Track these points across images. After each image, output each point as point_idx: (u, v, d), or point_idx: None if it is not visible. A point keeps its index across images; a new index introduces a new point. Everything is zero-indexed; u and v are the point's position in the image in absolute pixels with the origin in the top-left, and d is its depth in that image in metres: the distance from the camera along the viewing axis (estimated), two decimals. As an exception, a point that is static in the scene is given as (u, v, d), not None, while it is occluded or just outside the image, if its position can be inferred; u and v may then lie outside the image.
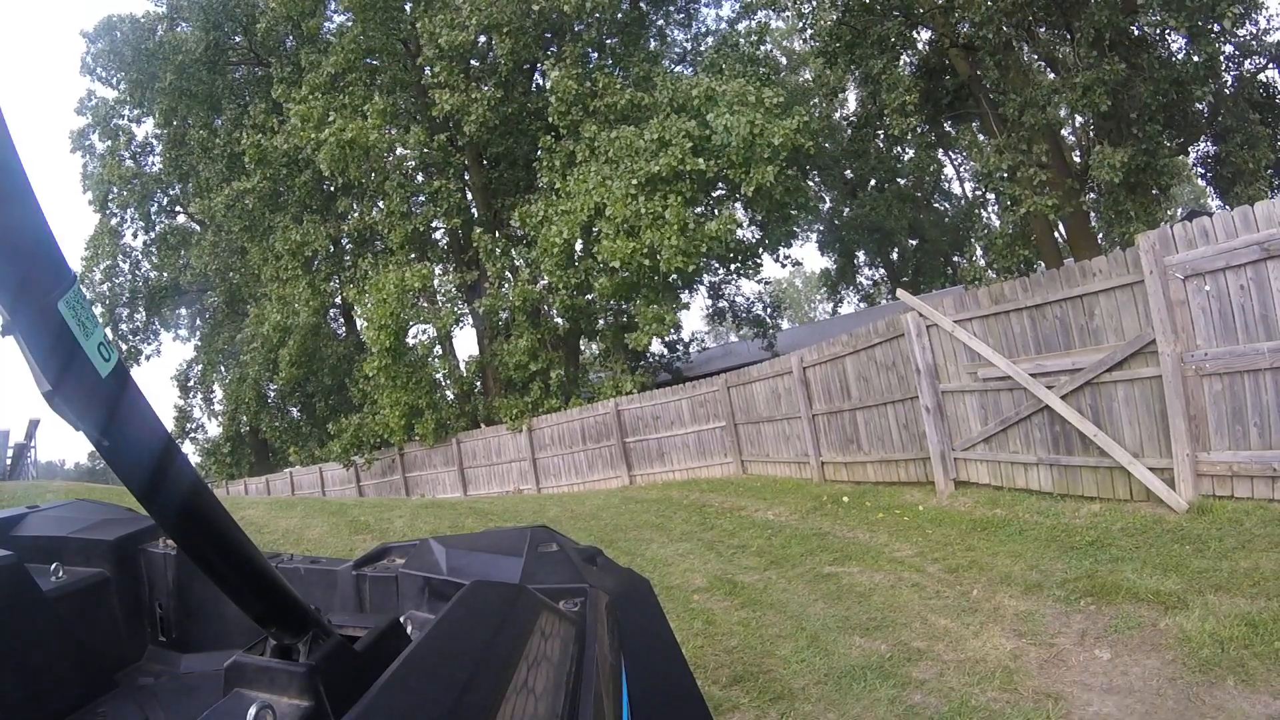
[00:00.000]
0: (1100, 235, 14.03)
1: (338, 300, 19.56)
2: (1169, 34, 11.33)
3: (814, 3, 14.74)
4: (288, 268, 17.55)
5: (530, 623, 0.79)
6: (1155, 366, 4.21)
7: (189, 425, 23.85)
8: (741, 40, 15.22)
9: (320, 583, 1.35)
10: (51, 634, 1.19)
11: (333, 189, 18.12)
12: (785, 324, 27.81)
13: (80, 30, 21.25)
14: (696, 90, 12.60)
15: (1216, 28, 10.58)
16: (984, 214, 22.75)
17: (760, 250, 17.10)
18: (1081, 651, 3.01)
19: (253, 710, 0.67)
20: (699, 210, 13.40)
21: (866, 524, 5.78)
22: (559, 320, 15.41)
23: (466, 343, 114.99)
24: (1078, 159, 14.59)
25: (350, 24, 16.39)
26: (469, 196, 17.35)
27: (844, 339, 7.61)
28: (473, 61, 15.89)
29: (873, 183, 23.41)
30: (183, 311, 25.82)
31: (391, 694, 0.58)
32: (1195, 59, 10.87)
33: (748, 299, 19.62)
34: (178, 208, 23.72)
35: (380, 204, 16.91)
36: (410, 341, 15.67)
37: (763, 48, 15.78)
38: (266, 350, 18.43)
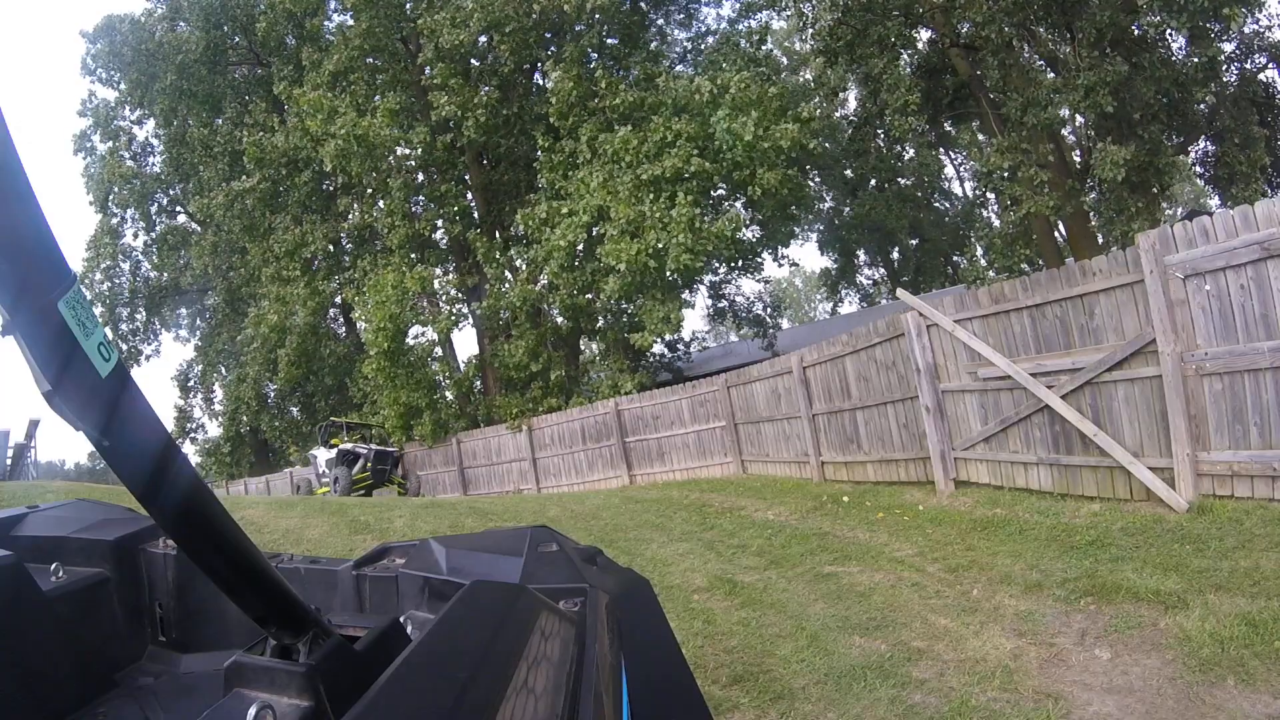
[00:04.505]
0: (1100, 235, 14.02)
1: (337, 300, 19.57)
2: (1170, 34, 11.32)
3: (814, 2, 14.73)
4: (287, 268, 17.56)
5: (530, 623, 0.79)
6: (1155, 366, 4.21)
7: (189, 425, 23.86)
8: (743, 40, 15.22)
9: (320, 583, 1.35)
10: (51, 634, 1.19)
11: (332, 189, 18.12)
12: (785, 324, 27.82)
13: (80, 30, 21.23)
14: (700, 92, 12.60)
15: (1217, 27, 10.58)
16: (984, 214, 22.75)
17: (761, 249, 17.13)
18: (1081, 651, 3.02)
19: (253, 710, 0.67)
20: (699, 210, 13.42)
21: (866, 524, 5.78)
22: (560, 320, 15.42)
23: (467, 342, 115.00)
24: (1078, 159, 14.58)
25: (351, 23, 16.40)
26: (469, 197, 17.37)
27: (844, 339, 7.61)
28: (473, 61, 15.89)
29: (873, 182, 23.38)
30: (183, 311, 25.85)
31: (391, 694, 0.58)
32: (1196, 59, 10.87)
33: (748, 298, 19.64)
34: (178, 208, 23.74)
35: (381, 203, 16.92)
36: (409, 342, 15.70)
37: (764, 48, 15.79)
38: (266, 350, 18.45)
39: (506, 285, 15.12)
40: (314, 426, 20.92)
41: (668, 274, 12.28)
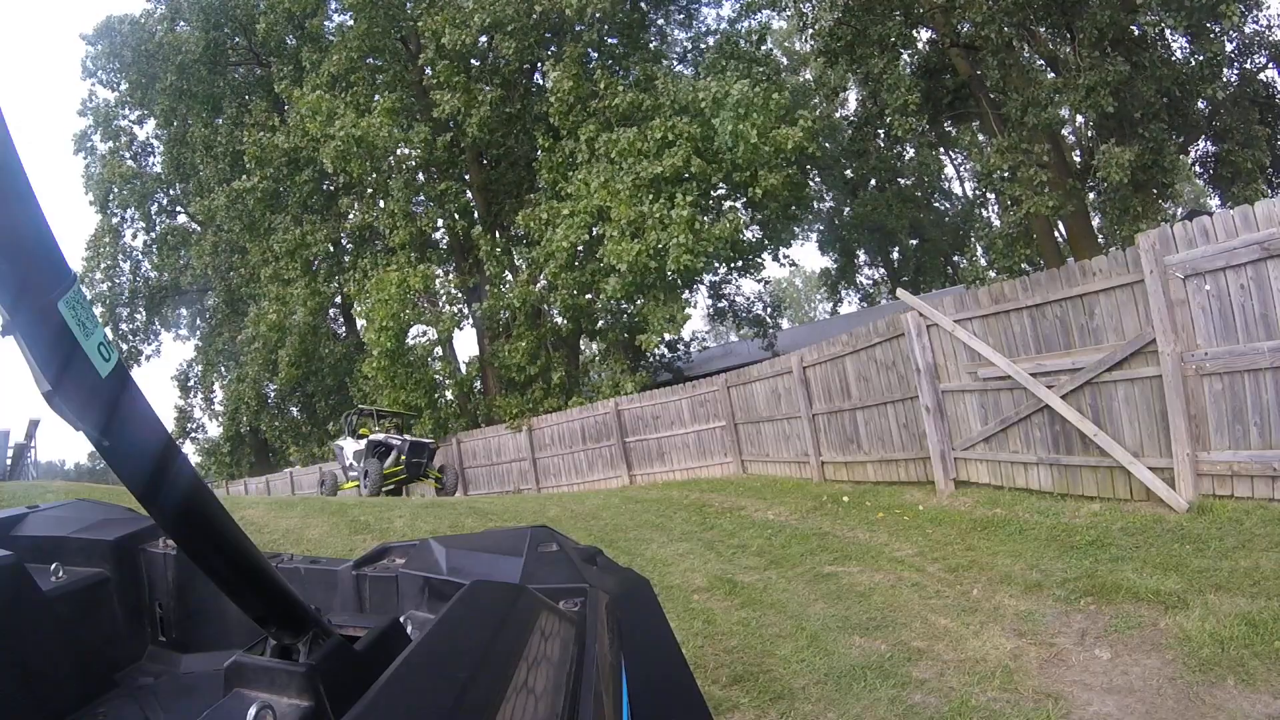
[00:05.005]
0: (1103, 235, 14.03)
1: (337, 300, 19.57)
2: (1170, 33, 11.33)
3: (814, 2, 14.73)
4: (288, 268, 17.56)
5: (530, 623, 0.78)
6: (1155, 366, 4.21)
7: (189, 425, 23.87)
8: (743, 40, 15.22)
9: (320, 583, 1.35)
10: (51, 634, 1.19)
11: (333, 189, 18.11)
12: (785, 324, 27.83)
13: (80, 34, 21.29)
14: (703, 95, 12.60)
15: (1217, 27, 10.57)
16: (984, 214, 22.74)
17: (762, 249, 17.15)
18: (1081, 651, 3.01)
19: (253, 710, 0.67)
20: (699, 210, 13.44)
21: (866, 524, 5.78)
22: (560, 320, 15.42)
23: (466, 342, 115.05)
24: (1078, 159, 14.59)
25: (350, 23, 16.40)
26: (469, 196, 17.39)
27: (844, 339, 7.62)
28: (473, 61, 15.89)
29: (873, 182, 23.42)
30: (183, 311, 25.86)
31: (391, 694, 0.58)
32: (1197, 58, 10.88)
33: (748, 299, 19.65)
34: (178, 208, 23.76)
35: (381, 203, 16.92)
36: (410, 342, 15.69)
37: (764, 47, 15.80)
38: (266, 350, 18.45)
39: (506, 285, 15.12)
40: (314, 426, 20.86)
41: (668, 274, 12.29)
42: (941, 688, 2.87)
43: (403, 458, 11.61)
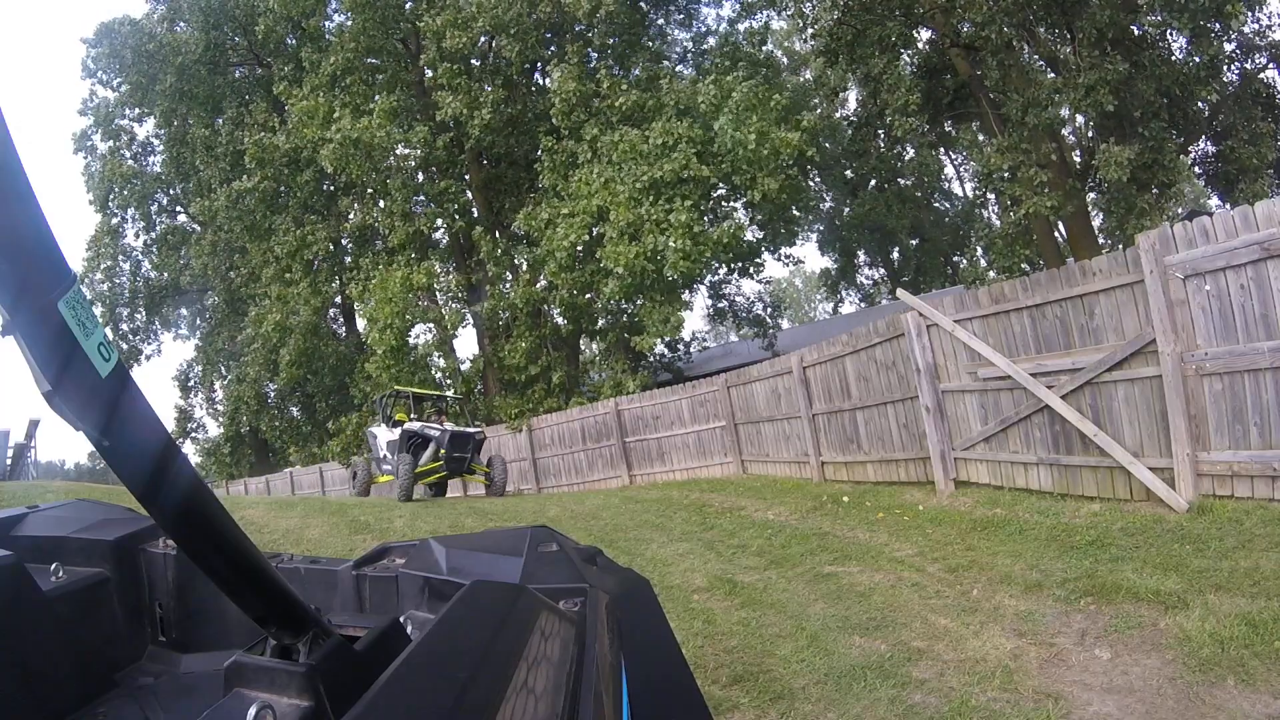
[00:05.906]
0: (1104, 235, 14.04)
1: (338, 300, 19.57)
2: (1170, 33, 11.34)
3: (814, 2, 14.75)
4: (288, 268, 17.57)
5: (530, 623, 0.78)
6: (1155, 366, 4.21)
7: (189, 425, 23.88)
8: (743, 41, 15.23)
9: (320, 583, 1.35)
10: (51, 634, 1.19)
11: (333, 189, 18.12)
12: (785, 324, 27.84)
13: (81, 37, 21.32)
14: (702, 98, 12.61)
15: (1217, 26, 10.59)
16: (984, 214, 22.76)
17: (762, 250, 17.16)
18: (1081, 651, 3.01)
19: (253, 710, 0.67)
20: (698, 214, 13.45)
21: (866, 524, 5.78)
22: (560, 320, 15.44)
23: (467, 342, 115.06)
24: (1078, 159, 14.59)
25: (349, 23, 16.41)
26: (469, 196, 17.39)
27: (844, 339, 7.62)
28: (473, 61, 15.90)
29: (873, 182, 23.40)
30: (183, 311, 25.84)
31: (391, 694, 0.58)
32: (1197, 58, 10.90)
33: (748, 299, 19.67)
34: (178, 208, 23.76)
35: (381, 203, 16.93)
36: (412, 341, 15.71)
37: (764, 48, 15.82)
38: (266, 350, 18.45)
39: (507, 285, 15.13)
40: (314, 426, 20.82)
41: (667, 274, 12.30)
42: (941, 688, 2.87)
43: (442, 451, 9.85)
